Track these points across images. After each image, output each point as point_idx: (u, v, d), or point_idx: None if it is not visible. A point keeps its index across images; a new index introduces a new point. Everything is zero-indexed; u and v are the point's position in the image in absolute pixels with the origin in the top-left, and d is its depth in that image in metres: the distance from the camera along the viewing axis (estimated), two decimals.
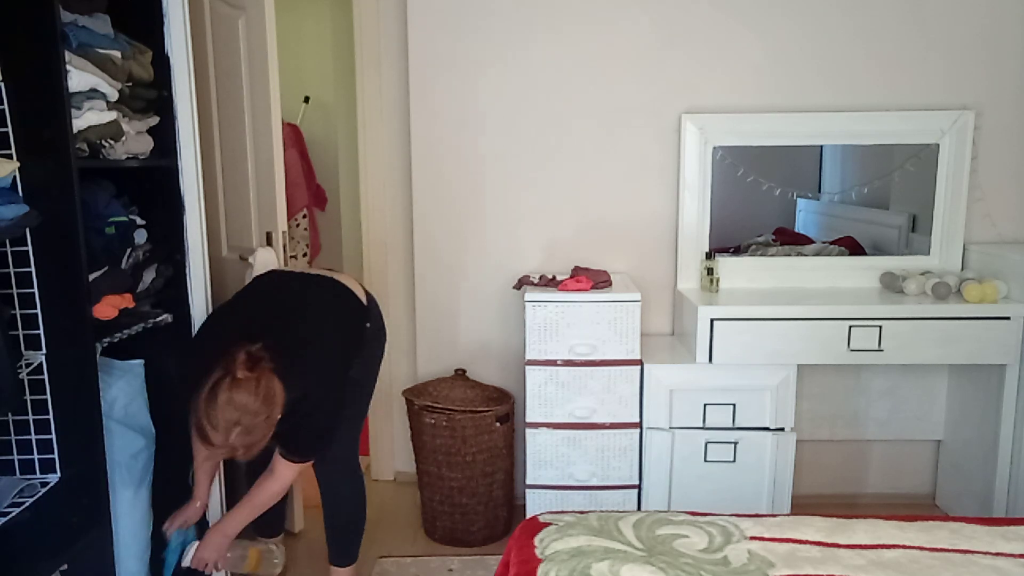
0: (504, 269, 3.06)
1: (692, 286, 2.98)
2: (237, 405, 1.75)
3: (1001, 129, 2.93)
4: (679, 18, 2.91)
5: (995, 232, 2.99)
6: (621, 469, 2.72)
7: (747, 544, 1.75)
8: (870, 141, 2.93)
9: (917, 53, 2.91)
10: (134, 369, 2.07)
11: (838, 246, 3.05)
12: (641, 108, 2.96)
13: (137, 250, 2.07)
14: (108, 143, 1.91)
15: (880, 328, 2.61)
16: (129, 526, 2.00)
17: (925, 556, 1.71)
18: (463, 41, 2.94)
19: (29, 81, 1.64)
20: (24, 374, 1.69)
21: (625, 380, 2.67)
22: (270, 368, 1.82)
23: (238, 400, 1.75)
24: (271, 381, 1.81)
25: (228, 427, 1.76)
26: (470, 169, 3.03)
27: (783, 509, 2.72)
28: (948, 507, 3.07)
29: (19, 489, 1.72)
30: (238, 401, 1.75)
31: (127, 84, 1.97)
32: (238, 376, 1.77)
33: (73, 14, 1.79)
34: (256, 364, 1.80)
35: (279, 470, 2.05)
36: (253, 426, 1.78)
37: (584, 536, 1.77)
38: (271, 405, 1.81)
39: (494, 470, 2.85)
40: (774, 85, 2.93)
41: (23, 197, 1.65)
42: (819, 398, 3.09)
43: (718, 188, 2.95)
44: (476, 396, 2.93)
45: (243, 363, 1.78)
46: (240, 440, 1.78)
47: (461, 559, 2.76)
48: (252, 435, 1.80)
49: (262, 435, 1.82)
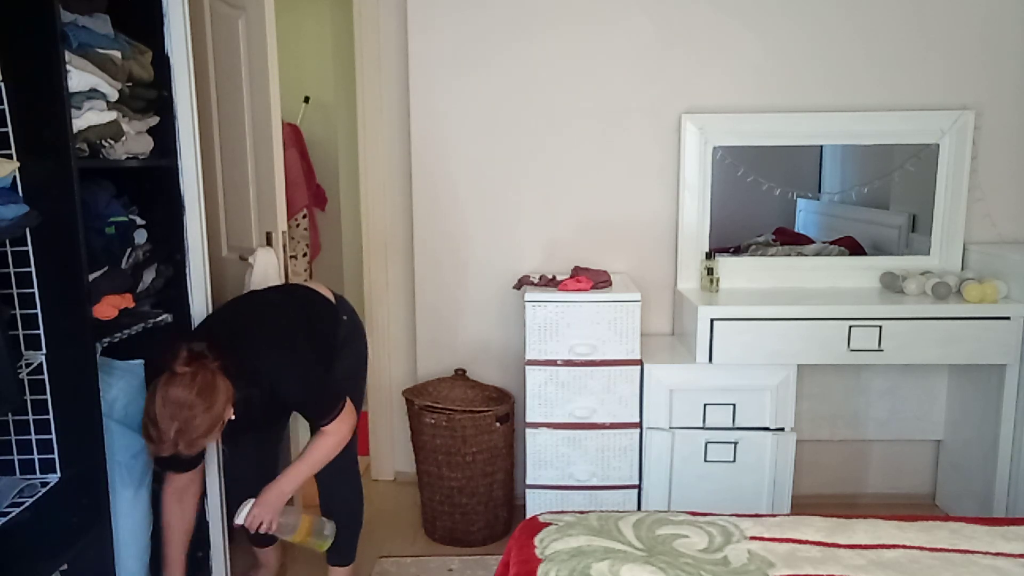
0: (504, 269, 3.07)
1: (692, 286, 2.98)
2: (172, 398, 1.80)
3: (1001, 129, 2.93)
4: (679, 18, 2.91)
5: (995, 232, 2.99)
6: (621, 469, 2.72)
7: (747, 544, 1.75)
8: (870, 141, 2.93)
9: (917, 53, 2.91)
10: (134, 369, 2.07)
11: (838, 246, 3.05)
12: (641, 108, 2.96)
13: (137, 250, 2.07)
14: (108, 143, 1.91)
15: (880, 328, 2.61)
16: (129, 526, 2.00)
17: (925, 556, 1.71)
18: (463, 41, 2.94)
19: (29, 81, 1.64)
20: (24, 374, 1.69)
21: (625, 380, 2.67)
22: (215, 365, 1.88)
23: (172, 394, 1.80)
24: (213, 376, 1.86)
25: (166, 423, 1.80)
26: (470, 169, 3.03)
27: (783, 509, 2.72)
28: (948, 507, 3.07)
29: (19, 489, 1.72)
30: (172, 395, 1.80)
31: (127, 84, 1.97)
32: (175, 371, 1.83)
33: (73, 14, 1.79)
34: (195, 360, 1.85)
35: (326, 429, 2.11)
36: (190, 419, 1.81)
37: (584, 536, 1.77)
38: (210, 399, 1.84)
39: (494, 470, 2.85)
40: (774, 85, 2.93)
41: (23, 197, 1.65)
42: (819, 398, 3.09)
43: (718, 188, 2.95)
44: (476, 396, 2.93)
45: (182, 359, 1.84)
46: (180, 437, 1.81)
47: (461, 559, 2.76)
48: (191, 431, 1.82)
49: (205, 429, 1.85)
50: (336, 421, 2.11)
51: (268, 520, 2.09)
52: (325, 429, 2.11)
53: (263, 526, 2.09)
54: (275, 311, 2.19)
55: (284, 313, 2.19)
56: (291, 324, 2.15)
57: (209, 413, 1.85)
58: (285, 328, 2.13)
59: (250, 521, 2.09)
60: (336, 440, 2.13)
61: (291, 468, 2.16)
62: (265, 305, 2.22)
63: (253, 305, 2.23)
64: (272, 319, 2.15)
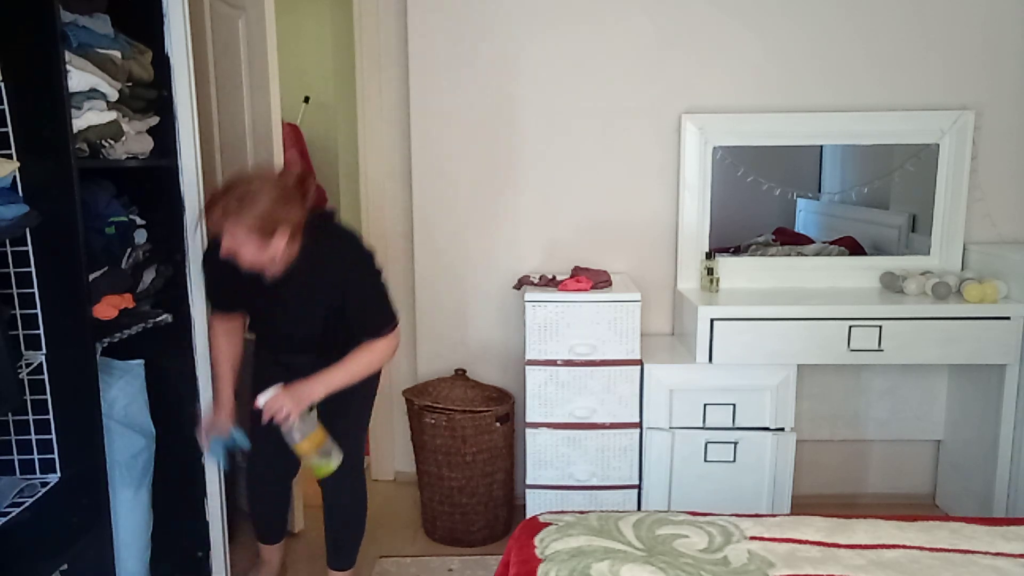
0: (504, 269, 3.07)
1: (692, 286, 2.98)
2: (256, 171, 2.02)
3: (1001, 129, 2.93)
4: (679, 18, 2.91)
5: (995, 232, 2.99)
6: (621, 469, 2.72)
7: (747, 544, 1.75)
8: (870, 141, 2.93)
9: (917, 53, 2.91)
10: (134, 369, 2.07)
11: (838, 246, 3.05)
12: (641, 108, 2.96)
13: (137, 250, 2.07)
14: (108, 143, 1.91)
15: (880, 328, 2.61)
16: (129, 526, 2.00)
17: (925, 556, 1.71)
18: (463, 41, 2.94)
19: (29, 81, 1.64)
20: (24, 374, 1.69)
21: (625, 380, 2.67)
22: (305, 207, 2.02)
23: (259, 170, 2.01)
24: (297, 202, 1.99)
25: (231, 180, 1.94)
26: (470, 169, 3.03)
27: (783, 509, 2.72)
28: (948, 507, 3.07)
29: (19, 489, 1.72)
30: (258, 170, 2.01)
31: (127, 84, 1.97)
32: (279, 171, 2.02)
33: (73, 14, 1.79)
34: (299, 181, 2.02)
35: (373, 343, 2.12)
36: (251, 191, 1.90)
37: (584, 536, 1.77)
38: (281, 198, 1.94)
39: (494, 470, 2.85)
40: (774, 85, 2.93)
41: (23, 197, 1.65)
42: (819, 398, 3.09)
43: (718, 188, 2.95)
44: (476, 396, 2.93)
45: (293, 176, 2.02)
46: (230, 196, 1.90)
47: (461, 559, 2.76)
48: (242, 198, 1.88)
49: (253, 213, 1.89)
50: (384, 339, 2.12)
51: (289, 411, 2.01)
52: (372, 343, 2.12)
53: (281, 413, 2.01)
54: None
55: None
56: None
57: (270, 204, 1.90)
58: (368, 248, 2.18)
59: (271, 404, 2.02)
60: (378, 357, 2.14)
61: (326, 371, 2.11)
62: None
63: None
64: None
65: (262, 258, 1.96)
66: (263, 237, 1.92)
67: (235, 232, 1.90)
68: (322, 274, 2.07)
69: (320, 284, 2.08)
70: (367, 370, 2.16)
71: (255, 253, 1.94)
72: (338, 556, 2.42)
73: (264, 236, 1.92)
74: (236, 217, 1.88)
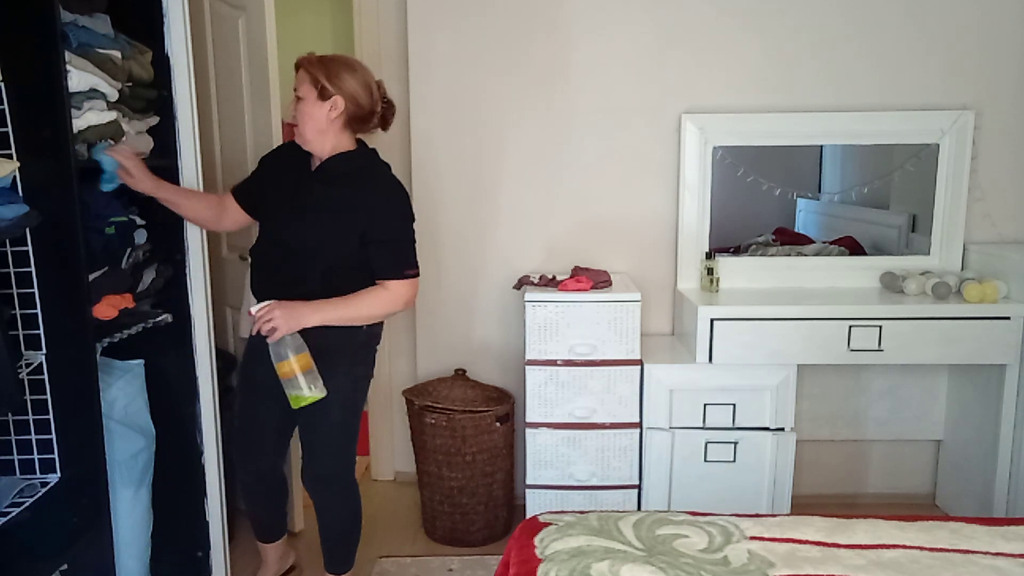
0: (504, 269, 3.06)
1: (692, 286, 2.98)
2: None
3: (1001, 129, 2.93)
4: (679, 18, 2.91)
5: (995, 232, 2.99)
6: (621, 469, 2.72)
7: (747, 544, 1.75)
8: (870, 141, 2.93)
9: (917, 53, 2.91)
10: (134, 369, 2.07)
11: (838, 246, 3.05)
12: (641, 108, 2.96)
13: (137, 250, 2.07)
14: (108, 143, 1.91)
15: (880, 328, 2.61)
16: (129, 526, 2.00)
17: (925, 556, 1.71)
18: (463, 41, 2.94)
19: (29, 81, 1.64)
20: (24, 374, 1.69)
21: (625, 380, 2.67)
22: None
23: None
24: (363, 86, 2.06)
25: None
26: (470, 169, 3.03)
27: (783, 509, 2.72)
28: (948, 507, 3.07)
29: (19, 489, 1.72)
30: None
31: (127, 84, 1.97)
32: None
33: (73, 14, 1.79)
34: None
35: (388, 283, 2.06)
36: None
37: (584, 536, 1.77)
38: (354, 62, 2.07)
39: (494, 470, 2.85)
40: (774, 85, 2.93)
41: (23, 197, 1.65)
42: (819, 398, 3.09)
43: (718, 188, 2.95)
44: (476, 396, 2.93)
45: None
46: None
47: (461, 559, 2.76)
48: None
49: (328, 64, 2.02)
50: (401, 281, 2.05)
51: (281, 324, 1.94)
52: (387, 283, 2.05)
53: (271, 325, 1.94)
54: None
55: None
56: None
57: (343, 69, 2.01)
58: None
59: (262, 313, 1.96)
60: (391, 298, 2.05)
61: (331, 302, 2.02)
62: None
63: None
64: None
65: (311, 122, 2.01)
66: (320, 95, 1.99)
67: (303, 77, 2.00)
68: (359, 192, 2.05)
69: (354, 201, 2.04)
70: (372, 311, 2.05)
71: (306, 112, 2.01)
72: (334, 562, 2.39)
73: (321, 94, 1.99)
74: (311, 62, 2.01)
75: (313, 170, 2.11)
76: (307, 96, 2.01)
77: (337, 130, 2.05)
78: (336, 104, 2.00)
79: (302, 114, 2.02)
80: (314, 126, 2.02)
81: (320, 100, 2.00)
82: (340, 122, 2.04)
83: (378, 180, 2.10)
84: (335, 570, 2.41)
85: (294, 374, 1.97)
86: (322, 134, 2.04)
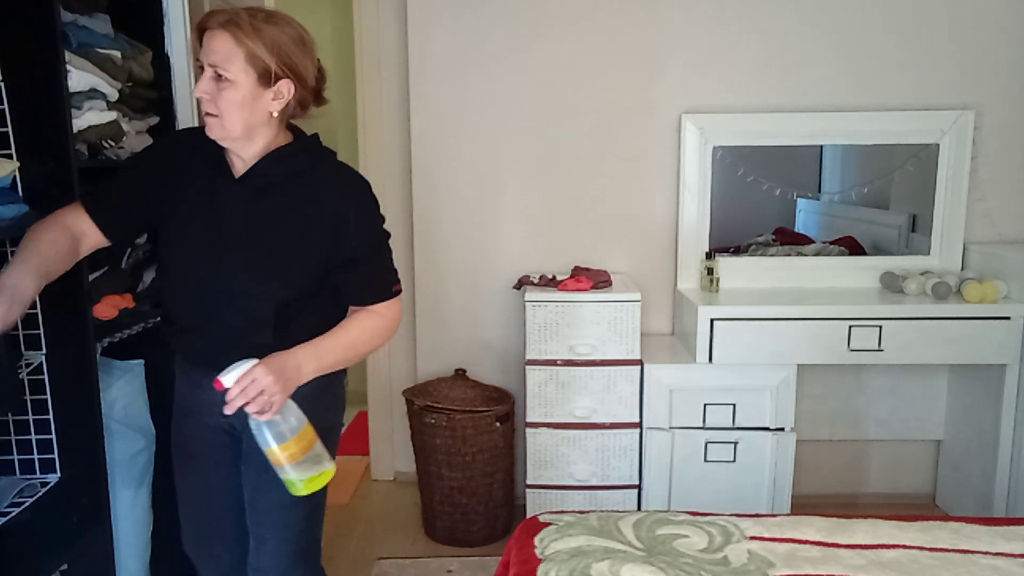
0: (504, 269, 3.06)
1: (692, 286, 2.98)
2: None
3: (1001, 129, 2.93)
4: (679, 18, 2.91)
5: (995, 232, 2.99)
6: (621, 469, 2.72)
7: (747, 544, 1.75)
8: (870, 141, 2.93)
9: (917, 53, 2.91)
10: (134, 369, 2.07)
11: (838, 246, 3.05)
12: (641, 108, 2.96)
13: (137, 250, 2.07)
14: (108, 143, 1.91)
15: (880, 328, 2.61)
16: (129, 526, 2.00)
17: (925, 556, 1.71)
18: (463, 41, 2.94)
19: (29, 81, 1.64)
20: (24, 374, 1.69)
21: (625, 380, 2.67)
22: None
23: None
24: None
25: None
26: (470, 169, 3.03)
27: (783, 509, 2.72)
28: (948, 507, 3.07)
29: (19, 489, 1.72)
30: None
31: (127, 84, 1.97)
32: None
33: (73, 14, 1.79)
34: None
35: (377, 307, 1.59)
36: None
37: (584, 536, 1.77)
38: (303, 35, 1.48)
39: (494, 470, 2.85)
40: (774, 85, 2.93)
41: (23, 197, 1.65)
42: (819, 398, 3.09)
43: (718, 188, 2.95)
44: (476, 396, 2.93)
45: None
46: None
47: (461, 559, 2.76)
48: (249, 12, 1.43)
49: (263, 36, 1.41)
50: (391, 302, 1.60)
51: (273, 393, 1.36)
52: (376, 307, 1.58)
53: (260, 401, 1.36)
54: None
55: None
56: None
57: (293, 39, 1.44)
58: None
59: (244, 386, 1.35)
60: (387, 326, 1.59)
61: (317, 340, 1.50)
62: None
63: None
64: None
65: (241, 113, 1.43)
66: (263, 80, 1.43)
67: (232, 54, 1.39)
68: (314, 202, 1.51)
69: (309, 214, 1.51)
70: (372, 346, 1.59)
71: (238, 101, 1.42)
72: None
73: (265, 79, 1.43)
74: (247, 31, 1.39)
75: (240, 176, 1.53)
76: (240, 80, 1.41)
77: (277, 122, 1.52)
78: (283, 91, 1.46)
79: (229, 103, 1.42)
80: (246, 119, 1.44)
81: (262, 86, 1.44)
82: (283, 112, 1.51)
83: (335, 181, 1.56)
84: None
85: (302, 455, 1.42)
86: (258, 129, 1.48)
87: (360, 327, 1.57)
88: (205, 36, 1.43)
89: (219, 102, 1.43)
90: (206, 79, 1.43)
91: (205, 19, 1.43)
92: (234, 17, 1.40)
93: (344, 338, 1.55)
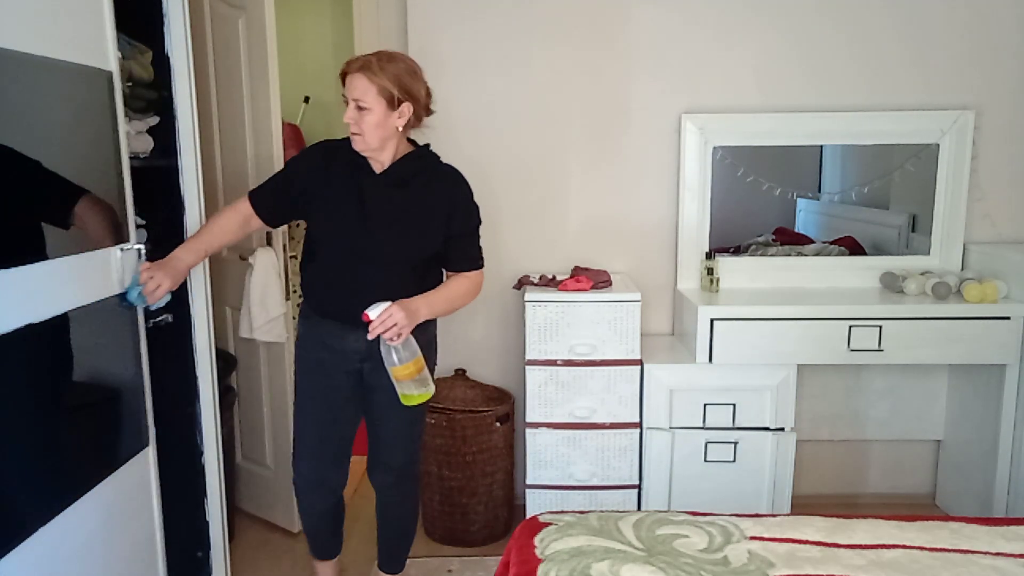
0: (504, 269, 3.06)
1: (692, 286, 2.98)
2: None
3: (1001, 129, 2.93)
4: (679, 18, 2.91)
5: (995, 232, 2.99)
6: (621, 469, 2.72)
7: (747, 544, 1.75)
8: (870, 141, 2.93)
9: (917, 53, 2.91)
10: None
11: (838, 246, 3.05)
12: (641, 108, 2.96)
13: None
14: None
15: (880, 328, 2.61)
16: None
17: (925, 556, 1.71)
18: (463, 41, 2.94)
19: None
20: None
21: (625, 380, 2.67)
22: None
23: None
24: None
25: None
26: (469, 169, 2.99)
27: (783, 509, 2.73)
28: (948, 507, 3.07)
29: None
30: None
31: (127, 84, 1.97)
32: None
33: None
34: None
35: (468, 272, 2.17)
36: (393, 57, 2.00)
37: (584, 536, 1.77)
38: (416, 74, 2.03)
39: (494, 470, 2.85)
40: (774, 85, 2.93)
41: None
42: (819, 398, 3.09)
43: (718, 188, 2.95)
44: (476, 396, 2.93)
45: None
46: (376, 57, 1.99)
47: (461, 559, 2.76)
48: (387, 57, 1.99)
49: (396, 70, 1.98)
50: (480, 271, 2.18)
51: (402, 326, 1.94)
52: (467, 273, 2.16)
53: (393, 330, 1.92)
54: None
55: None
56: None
57: (408, 73, 1.98)
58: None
59: (384, 318, 1.92)
60: (475, 287, 2.17)
61: (427, 294, 2.07)
62: None
63: None
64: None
65: (379, 131, 1.97)
66: (390, 105, 1.96)
67: (366, 87, 1.94)
68: (437, 192, 2.10)
69: (434, 202, 2.09)
70: (464, 299, 2.16)
71: (375, 123, 1.96)
72: (391, 562, 2.43)
73: (391, 104, 1.96)
74: (372, 70, 1.93)
75: (380, 174, 2.07)
76: (374, 107, 1.95)
77: (402, 134, 2.06)
78: (404, 111, 1.99)
79: (369, 124, 1.97)
80: (382, 135, 1.99)
81: (390, 110, 1.97)
82: (407, 127, 2.05)
83: (449, 176, 2.16)
84: (392, 569, 2.44)
85: (416, 374, 1.98)
86: (389, 140, 2.03)
87: (457, 286, 2.15)
88: (347, 78, 1.97)
89: (361, 124, 1.97)
90: (351, 109, 1.97)
91: (346, 66, 1.98)
92: (366, 63, 1.95)
93: (446, 293, 2.13)
